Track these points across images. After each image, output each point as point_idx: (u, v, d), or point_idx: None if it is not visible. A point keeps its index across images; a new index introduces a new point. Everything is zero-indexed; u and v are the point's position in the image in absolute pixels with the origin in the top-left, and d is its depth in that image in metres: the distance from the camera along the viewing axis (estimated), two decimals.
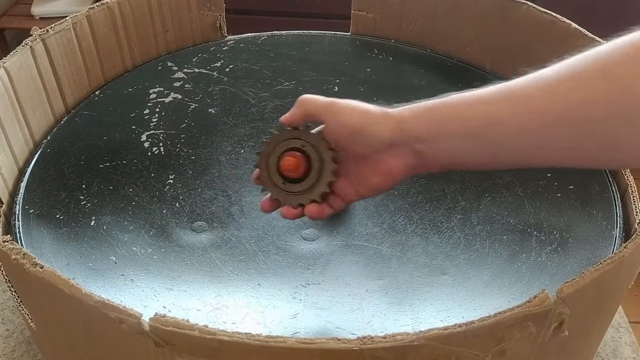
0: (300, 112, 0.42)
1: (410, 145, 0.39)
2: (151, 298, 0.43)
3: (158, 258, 0.47)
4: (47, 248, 0.47)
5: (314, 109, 0.42)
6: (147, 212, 0.51)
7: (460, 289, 0.44)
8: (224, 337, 0.29)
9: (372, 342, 0.29)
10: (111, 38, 0.67)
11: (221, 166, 0.57)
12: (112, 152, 0.58)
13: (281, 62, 0.72)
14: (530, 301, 0.31)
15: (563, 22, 0.61)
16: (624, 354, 0.50)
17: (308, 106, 0.42)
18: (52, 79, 0.61)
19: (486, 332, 0.31)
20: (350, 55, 0.74)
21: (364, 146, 0.40)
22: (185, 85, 0.67)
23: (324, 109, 0.41)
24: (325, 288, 0.45)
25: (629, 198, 0.50)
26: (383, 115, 0.40)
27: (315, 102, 0.42)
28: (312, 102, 0.42)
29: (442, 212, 0.51)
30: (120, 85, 0.68)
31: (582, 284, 0.32)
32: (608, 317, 0.44)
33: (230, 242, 0.48)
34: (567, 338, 0.33)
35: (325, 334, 0.41)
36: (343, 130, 0.41)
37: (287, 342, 0.29)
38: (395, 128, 0.39)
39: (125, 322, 0.31)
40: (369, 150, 0.40)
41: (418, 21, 0.74)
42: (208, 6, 0.74)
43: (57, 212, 0.51)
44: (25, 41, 0.57)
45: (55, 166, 0.56)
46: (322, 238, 0.49)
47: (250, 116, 0.63)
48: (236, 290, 0.44)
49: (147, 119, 0.62)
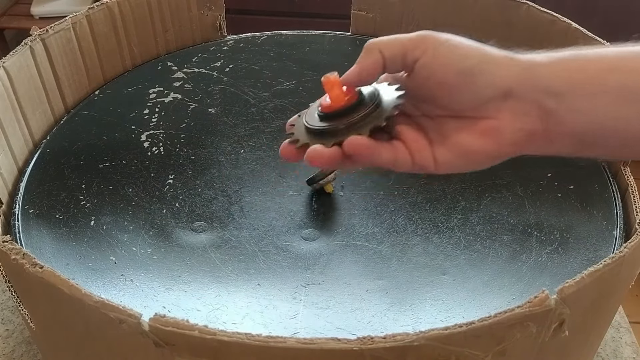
0: (373, 61, 0.31)
1: (537, 100, 0.29)
2: (151, 298, 0.43)
3: (158, 258, 0.47)
4: (47, 248, 0.47)
5: (398, 50, 0.31)
6: (147, 212, 0.51)
7: (461, 289, 0.44)
8: (223, 337, 0.29)
9: (372, 342, 0.29)
10: (111, 38, 0.67)
11: (221, 166, 0.57)
12: (111, 152, 0.58)
13: (281, 62, 0.71)
14: (530, 301, 0.31)
15: (563, 22, 0.61)
16: (624, 354, 0.50)
17: (387, 49, 0.31)
18: (51, 78, 0.61)
19: (486, 332, 0.30)
20: (350, 55, 0.73)
21: (470, 94, 0.30)
22: (185, 85, 0.67)
23: (416, 45, 0.31)
24: (325, 288, 0.45)
25: (629, 198, 0.50)
26: (505, 56, 0.31)
27: (397, 41, 0.31)
28: (393, 43, 0.31)
29: (442, 212, 0.51)
30: (120, 85, 0.68)
31: (582, 284, 0.32)
32: (608, 317, 0.43)
33: (230, 242, 0.48)
34: (568, 338, 0.33)
35: (325, 334, 0.41)
36: (445, 72, 0.30)
37: (287, 343, 0.29)
38: (520, 74, 0.30)
39: (125, 323, 0.31)
40: (475, 101, 0.30)
41: (418, 21, 0.74)
42: (208, 6, 0.74)
43: (56, 212, 0.51)
44: (25, 41, 0.57)
45: (55, 166, 0.56)
46: (322, 238, 0.49)
47: (250, 116, 0.63)
48: (236, 290, 0.44)
49: (147, 118, 0.62)
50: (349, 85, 0.33)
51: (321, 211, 0.51)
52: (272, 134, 0.60)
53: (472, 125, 0.31)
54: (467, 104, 0.30)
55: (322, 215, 0.51)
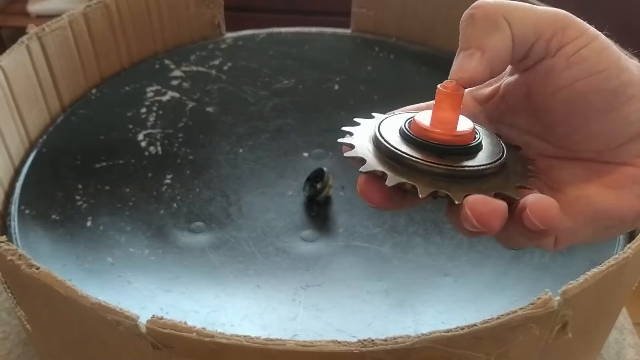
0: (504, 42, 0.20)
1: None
2: (148, 300, 0.43)
3: (155, 259, 0.46)
4: (43, 249, 0.47)
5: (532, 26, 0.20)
6: (145, 212, 0.51)
7: (463, 291, 0.44)
8: (222, 339, 0.29)
9: (373, 345, 0.29)
10: (108, 36, 0.67)
11: (219, 166, 0.56)
12: (108, 151, 0.57)
13: (280, 60, 0.71)
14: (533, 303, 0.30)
15: None
16: (628, 356, 0.50)
17: (518, 21, 0.20)
18: (48, 77, 0.60)
19: (488, 335, 0.30)
20: (350, 53, 0.73)
21: (613, 127, 0.21)
22: (183, 84, 0.67)
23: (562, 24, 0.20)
24: (325, 289, 0.44)
25: None
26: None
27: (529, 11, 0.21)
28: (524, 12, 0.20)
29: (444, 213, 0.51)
30: (117, 83, 0.67)
31: (585, 286, 0.32)
32: (612, 318, 0.43)
33: (228, 243, 0.48)
34: (571, 340, 0.33)
35: (325, 336, 0.40)
36: (589, 85, 0.20)
37: (287, 345, 0.29)
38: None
39: (122, 324, 0.30)
40: (615, 139, 0.21)
41: (419, 19, 0.73)
42: (206, 3, 0.74)
43: (53, 212, 0.50)
44: (21, 39, 0.57)
45: (52, 166, 0.55)
46: (322, 239, 0.49)
47: (249, 115, 0.63)
48: (235, 291, 0.44)
49: (144, 117, 0.62)
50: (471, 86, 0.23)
51: (321, 211, 0.51)
52: (272, 133, 0.60)
53: (601, 175, 0.22)
54: (602, 142, 0.21)
55: (322, 216, 0.51)
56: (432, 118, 0.23)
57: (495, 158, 0.22)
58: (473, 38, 0.21)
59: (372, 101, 0.64)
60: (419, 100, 0.36)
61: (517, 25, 0.20)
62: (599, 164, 0.22)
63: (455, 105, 0.22)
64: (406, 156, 0.22)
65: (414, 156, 0.22)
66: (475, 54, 0.21)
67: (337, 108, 0.63)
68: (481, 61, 0.21)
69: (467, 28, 0.22)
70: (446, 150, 0.22)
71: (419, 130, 0.23)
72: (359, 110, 0.63)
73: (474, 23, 0.21)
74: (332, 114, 0.62)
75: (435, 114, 0.23)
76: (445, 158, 0.22)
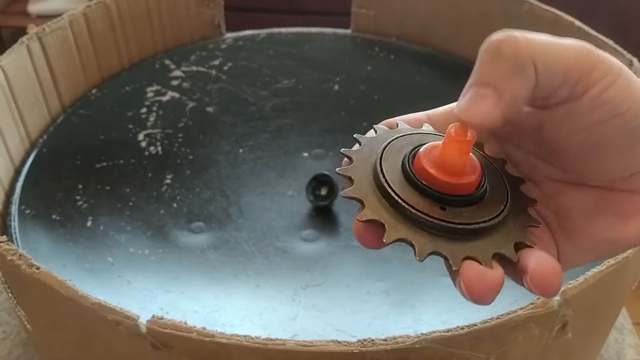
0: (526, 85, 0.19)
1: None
2: (149, 300, 0.43)
3: (155, 259, 0.46)
4: (44, 249, 0.47)
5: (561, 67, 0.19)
6: (145, 212, 0.51)
7: None
8: (222, 339, 0.29)
9: (373, 345, 0.29)
10: (108, 36, 0.67)
11: (219, 166, 0.56)
12: (108, 151, 0.57)
13: (280, 60, 0.71)
14: (533, 303, 0.30)
15: (566, 20, 0.61)
16: (628, 356, 0.50)
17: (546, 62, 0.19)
18: (48, 77, 0.60)
19: (488, 335, 0.30)
20: (350, 53, 0.73)
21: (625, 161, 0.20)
22: (183, 84, 0.67)
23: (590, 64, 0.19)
24: (325, 290, 0.44)
25: None
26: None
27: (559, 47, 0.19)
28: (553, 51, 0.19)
29: None
30: (117, 83, 0.67)
31: (585, 286, 0.32)
32: (612, 318, 0.43)
33: (228, 243, 0.48)
34: (571, 340, 0.33)
35: (325, 336, 0.40)
36: (610, 124, 0.20)
37: (287, 345, 0.29)
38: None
39: (122, 324, 0.30)
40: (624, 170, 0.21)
41: (419, 19, 0.73)
42: (206, 3, 0.74)
43: (53, 212, 0.50)
44: (22, 39, 0.57)
45: (52, 166, 0.55)
46: (322, 239, 0.49)
47: (249, 115, 0.62)
48: (235, 292, 0.44)
49: (145, 118, 0.62)
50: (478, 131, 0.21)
51: (321, 211, 0.51)
52: (271, 133, 0.60)
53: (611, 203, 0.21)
54: (616, 174, 0.21)
55: (322, 216, 0.51)
56: (438, 158, 0.21)
57: (497, 211, 0.21)
58: (493, 76, 0.19)
59: (372, 101, 0.64)
60: (419, 100, 0.36)
61: (545, 70, 0.19)
62: (609, 191, 0.21)
63: (464, 152, 0.21)
64: (406, 207, 0.21)
65: (415, 207, 0.21)
66: (490, 97, 0.19)
67: (337, 108, 0.63)
68: (496, 107, 0.19)
69: (488, 62, 0.19)
70: (450, 201, 0.21)
71: (423, 172, 0.22)
72: (359, 110, 0.63)
73: (498, 59, 0.19)
74: (332, 114, 0.62)
75: (442, 155, 0.21)
76: (447, 210, 0.21)
